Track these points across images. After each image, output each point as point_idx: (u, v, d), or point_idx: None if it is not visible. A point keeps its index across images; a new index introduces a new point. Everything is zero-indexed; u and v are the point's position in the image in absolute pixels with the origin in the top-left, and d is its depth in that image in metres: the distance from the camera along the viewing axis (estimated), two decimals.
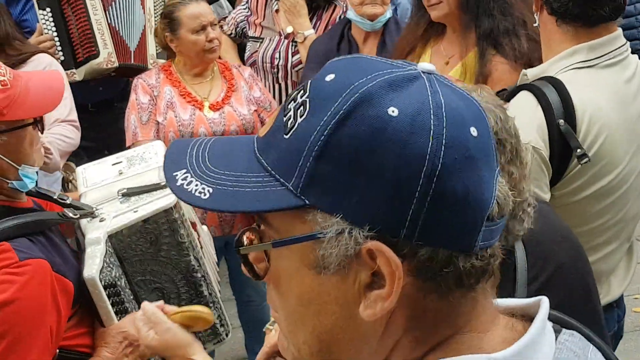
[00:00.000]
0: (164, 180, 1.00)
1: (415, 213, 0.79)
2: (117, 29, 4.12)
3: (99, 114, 4.06)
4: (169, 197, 2.21)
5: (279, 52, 3.94)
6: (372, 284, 0.82)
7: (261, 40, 3.99)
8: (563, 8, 2.32)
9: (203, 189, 0.88)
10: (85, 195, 2.37)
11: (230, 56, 4.16)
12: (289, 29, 3.93)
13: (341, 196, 0.81)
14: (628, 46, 2.43)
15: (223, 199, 0.86)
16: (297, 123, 0.84)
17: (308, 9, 3.91)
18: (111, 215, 2.22)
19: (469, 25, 3.02)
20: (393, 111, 0.81)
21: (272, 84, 3.97)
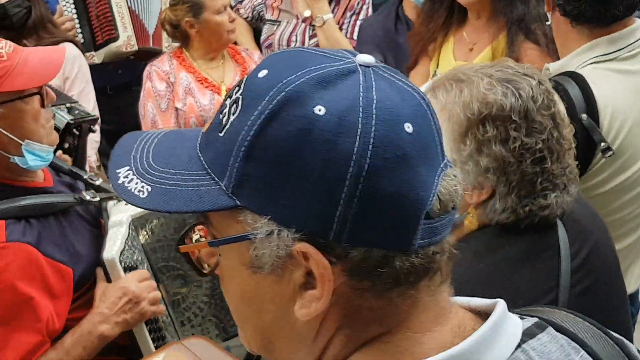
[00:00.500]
0: None
1: (343, 215, 0.78)
2: (137, 13, 4.15)
3: (117, 97, 4.09)
4: None
5: (296, 36, 3.93)
6: (307, 284, 0.82)
7: (278, 23, 3.98)
8: (576, 11, 2.32)
9: (142, 187, 0.86)
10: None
11: (246, 40, 4.15)
12: (307, 12, 3.91)
13: (269, 197, 0.79)
14: None
15: (160, 198, 0.85)
16: (230, 121, 0.83)
17: None
18: None
19: (500, 11, 2.99)
20: (320, 110, 0.78)
21: None
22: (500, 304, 0.90)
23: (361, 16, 3.94)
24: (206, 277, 1.70)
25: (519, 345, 0.87)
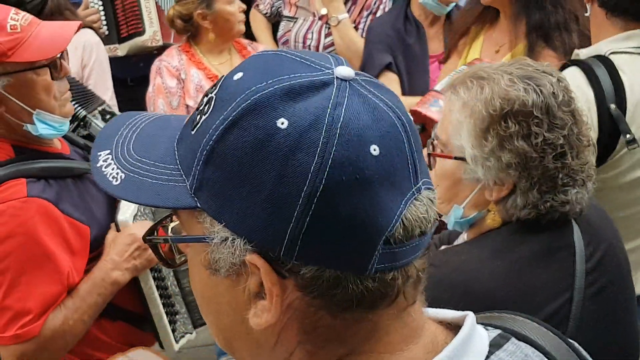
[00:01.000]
0: None
1: (294, 232, 0.76)
2: (163, 9, 4.22)
3: (137, 89, 4.13)
4: None
5: (312, 33, 3.96)
6: (260, 293, 0.81)
7: (295, 20, 4.01)
8: (613, 1, 2.34)
9: (117, 174, 0.86)
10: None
11: (265, 36, 4.19)
12: (323, 10, 3.94)
13: (224, 204, 0.78)
14: None
15: (130, 187, 0.84)
16: (201, 120, 0.82)
17: None
18: None
19: (519, 14, 2.98)
20: (282, 123, 0.76)
21: None
22: (470, 317, 0.89)
23: (377, 16, 3.95)
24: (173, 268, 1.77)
25: (487, 357, 0.87)
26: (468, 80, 1.64)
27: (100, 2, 4.06)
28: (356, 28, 3.89)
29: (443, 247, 1.94)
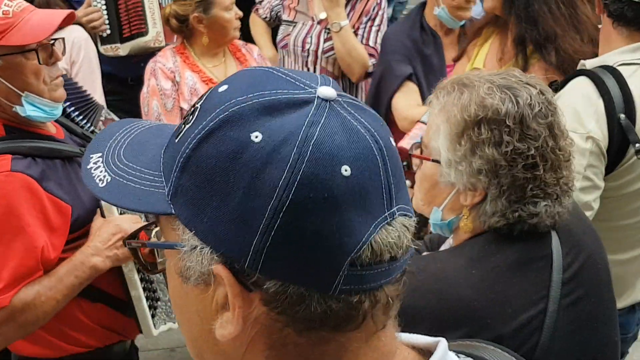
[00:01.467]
0: None
1: (258, 245, 0.77)
2: None
3: (137, 88, 4.14)
4: None
5: (311, 37, 3.96)
6: (227, 305, 0.81)
7: (294, 24, 4.02)
8: (618, 12, 2.39)
9: (104, 176, 0.88)
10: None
11: (264, 40, 4.21)
12: (322, 15, 3.95)
13: (195, 212, 0.80)
14: None
15: (114, 190, 0.86)
16: (184, 129, 0.83)
17: None
18: None
19: (514, 24, 3.01)
20: (257, 136, 0.77)
21: (302, 68, 4.01)
22: (442, 343, 0.90)
23: (376, 22, 3.96)
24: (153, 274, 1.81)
25: None
26: (450, 85, 1.68)
27: (103, 2, 4.09)
28: (355, 34, 3.89)
29: (425, 253, 1.95)
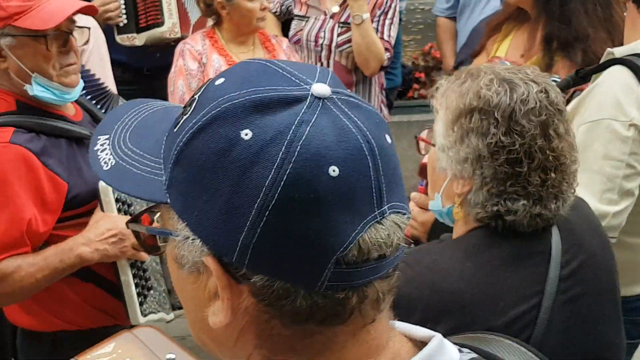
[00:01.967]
0: None
1: (244, 241, 0.78)
2: (183, 1, 4.27)
3: (153, 79, 4.21)
4: None
5: (324, 32, 3.99)
6: (218, 294, 0.83)
7: (306, 19, 4.05)
8: None
9: (109, 159, 0.89)
10: None
11: (274, 34, 4.24)
12: (335, 9, 3.99)
13: (187, 205, 0.81)
14: None
15: (116, 174, 0.88)
16: (182, 120, 0.85)
17: None
18: None
19: (537, 21, 2.97)
20: (246, 134, 0.78)
21: (315, 63, 4.03)
22: (436, 337, 0.90)
23: (389, 15, 4.00)
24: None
25: None
26: (462, 74, 1.69)
27: None
28: None
29: (419, 245, 1.98)
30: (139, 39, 4.17)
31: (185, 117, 0.84)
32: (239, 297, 0.82)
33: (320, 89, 0.81)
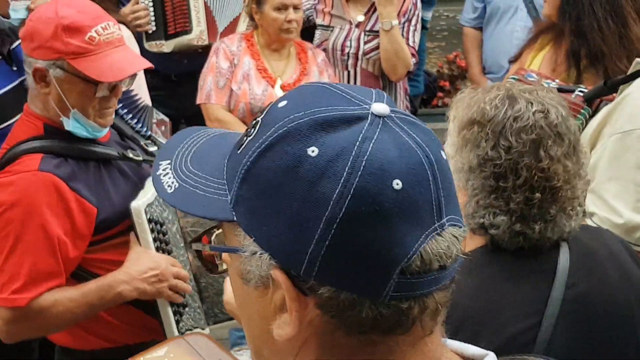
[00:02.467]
0: None
1: (312, 254, 0.81)
2: (212, 9, 4.33)
3: (181, 85, 4.27)
4: None
5: (350, 41, 4.03)
6: (285, 307, 0.85)
7: (331, 28, 4.08)
8: None
9: (172, 182, 0.93)
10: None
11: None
12: (360, 17, 4.02)
13: (254, 221, 0.84)
14: None
15: (181, 196, 0.92)
16: (246, 141, 0.88)
17: None
18: None
19: (568, 36, 2.94)
20: (313, 151, 0.81)
21: (342, 71, 4.09)
22: (490, 355, 0.93)
23: (413, 22, 4.04)
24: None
25: None
26: (486, 87, 1.74)
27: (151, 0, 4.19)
28: None
29: None
30: (167, 46, 4.24)
31: (249, 138, 0.87)
32: (305, 309, 0.84)
33: (380, 107, 0.85)
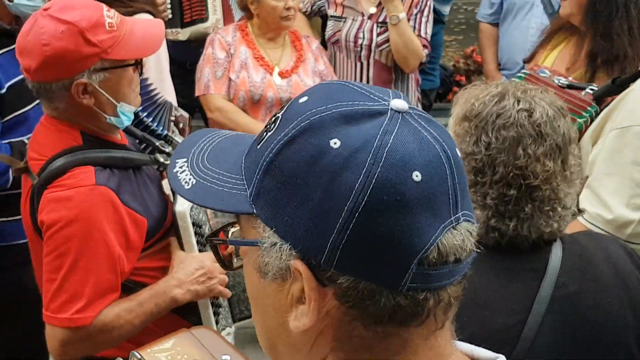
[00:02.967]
0: None
1: (334, 243, 0.83)
2: None
3: (194, 73, 4.27)
4: None
5: (363, 33, 4.04)
6: (302, 298, 0.87)
7: (343, 19, 4.09)
8: None
9: (189, 179, 0.95)
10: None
11: (305, 31, 4.27)
12: (372, 9, 4.04)
13: (276, 212, 0.86)
14: None
15: (198, 192, 0.94)
16: (266, 136, 0.91)
17: None
18: None
19: (584, 37, 2.95)
20: (335, 143, 0.84)
21: (354, 63, 4.10)
22: (501, 358, 0.95)
23: (425, 13, 4.05)
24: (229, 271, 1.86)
25: None
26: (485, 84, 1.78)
27: None
28: None
29: None
30: (182, 34, 4.26)
31: (269, 133, 0.90)
32: (324, 299, 0.86)
33: (399, 103, 0.88)
